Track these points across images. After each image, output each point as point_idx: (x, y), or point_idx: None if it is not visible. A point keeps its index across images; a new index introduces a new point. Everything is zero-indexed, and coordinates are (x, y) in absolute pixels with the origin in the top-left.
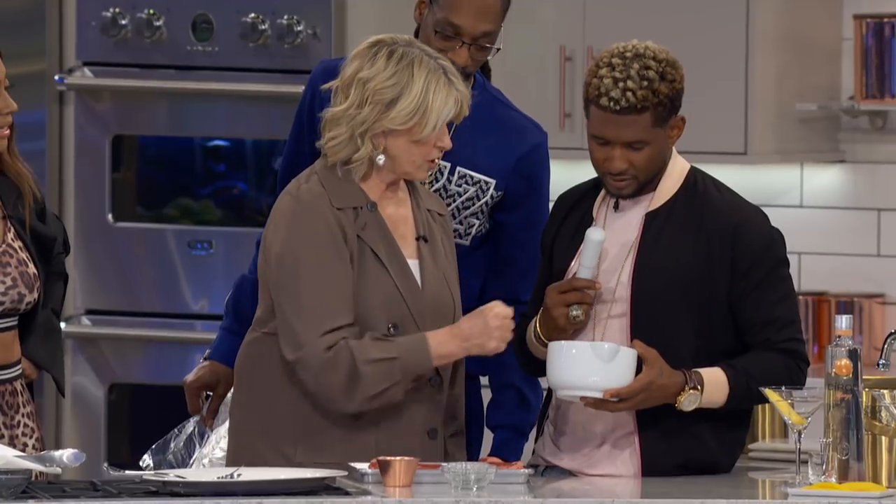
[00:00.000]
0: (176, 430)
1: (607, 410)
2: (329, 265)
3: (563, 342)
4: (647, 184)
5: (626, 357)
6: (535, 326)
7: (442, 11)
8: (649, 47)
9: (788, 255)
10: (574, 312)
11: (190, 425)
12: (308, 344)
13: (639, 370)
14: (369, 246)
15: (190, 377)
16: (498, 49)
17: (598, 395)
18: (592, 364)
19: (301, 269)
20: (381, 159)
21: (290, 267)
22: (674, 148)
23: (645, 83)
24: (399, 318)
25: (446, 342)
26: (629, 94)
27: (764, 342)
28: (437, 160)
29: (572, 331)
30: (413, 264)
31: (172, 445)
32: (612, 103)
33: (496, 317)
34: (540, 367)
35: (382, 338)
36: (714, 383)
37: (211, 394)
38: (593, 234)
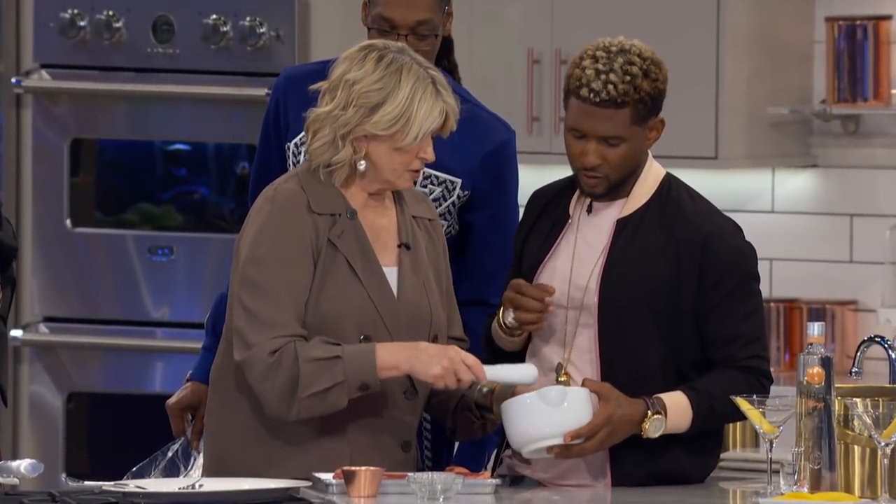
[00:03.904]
0: (159, 452)
1: (576, 455)
2: (290, 273)
3: (511, 399)
4: (620, 185)
5: (577, 397)
6: (499, 314)
7: (376, 8)
8: (635, 45)
9: (760, 261)
10: (505, 318)
11: (174, 447)
12: (256, 345)
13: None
14: (343, 254)
15: (172, 399)
16: (436, 35)
17: (559, 440)
18: (543, 412)
19: (263, 274)
20: (362, 164)
21: (253, 270)
22: (650, 153)
23: (628, 78)
24: (371, 327)
25: (394, 352)
26: (610, 86)
27: (727, 359)
28: (420, 171)
29: (520, 333)
30: (391, 272)
31: (153, 470)
32: (592, 94)
33: (456, 353)
34: (504, 359)
35: (330, 341)
36: (677, 407)
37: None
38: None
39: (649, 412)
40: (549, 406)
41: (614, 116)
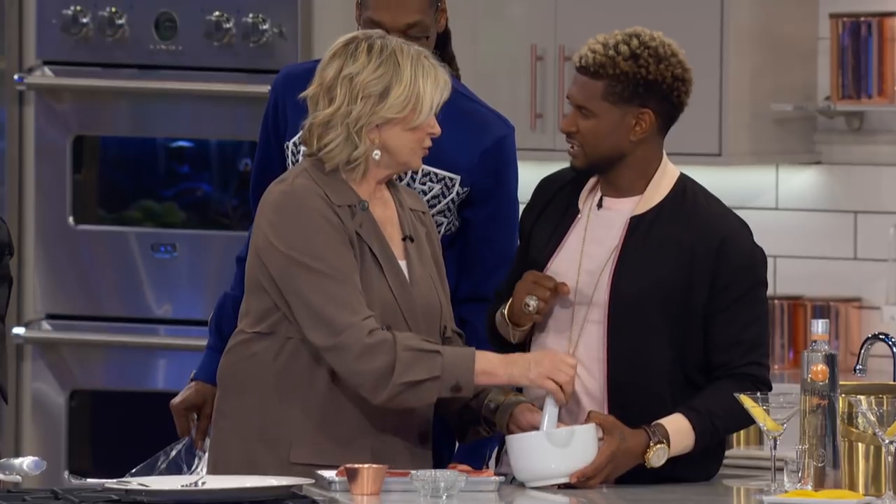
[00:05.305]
0: (161, 453)
1: (581, 488)
2: (342, 255)
3: (518, 435)
4: (597, 166)
5: (584, 436)
6: (505, 306)
7: (366, 11)
8: (654, 36)
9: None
10: (528, 301)
11: (177, 447)
12: (349, 328)
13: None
14: (368, 245)
15: (176, 399)
16: (428, 37)
17: (565, 479)
18: (550, 453)
19: (317, 258)
20: (377, 154)
21: (301, 257)
22: (664, 154)
23: (611, 52)
24: (391, 318)
25: (491, 359)
26: (590, 55)
27: (724, 364)
28: (429, 148)
29: (530, 322)
30: (401, 265)
31: (154, 471)
32: (578, 59)
33: (563, 359)
34: (509, 350)
35: (424, 338)
36: (679, 432)
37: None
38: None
39: (651, 442)
40: (555, 447)
41: (588, 86)
